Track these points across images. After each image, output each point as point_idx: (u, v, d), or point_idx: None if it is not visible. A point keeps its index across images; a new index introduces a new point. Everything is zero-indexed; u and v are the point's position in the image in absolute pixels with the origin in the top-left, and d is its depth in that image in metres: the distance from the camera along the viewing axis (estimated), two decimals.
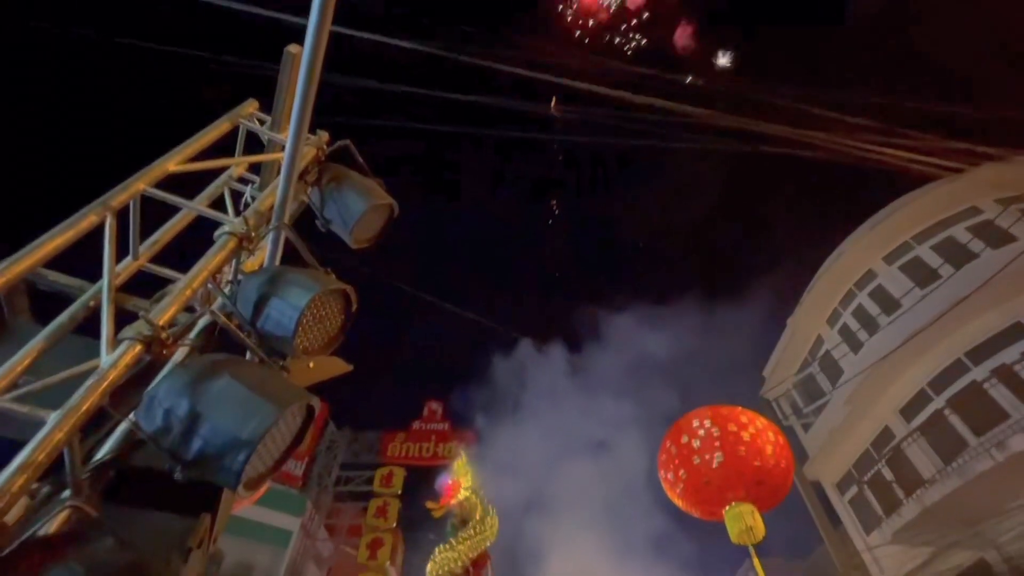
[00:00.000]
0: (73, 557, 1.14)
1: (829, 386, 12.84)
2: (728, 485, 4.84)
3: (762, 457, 4.78)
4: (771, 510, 5.19)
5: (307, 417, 1.63)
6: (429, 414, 21.89)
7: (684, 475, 5.05)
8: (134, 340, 1.30)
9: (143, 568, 1.16)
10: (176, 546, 1.40)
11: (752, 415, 5.19)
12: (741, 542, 4.92)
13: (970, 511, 9.20)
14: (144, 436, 1.43)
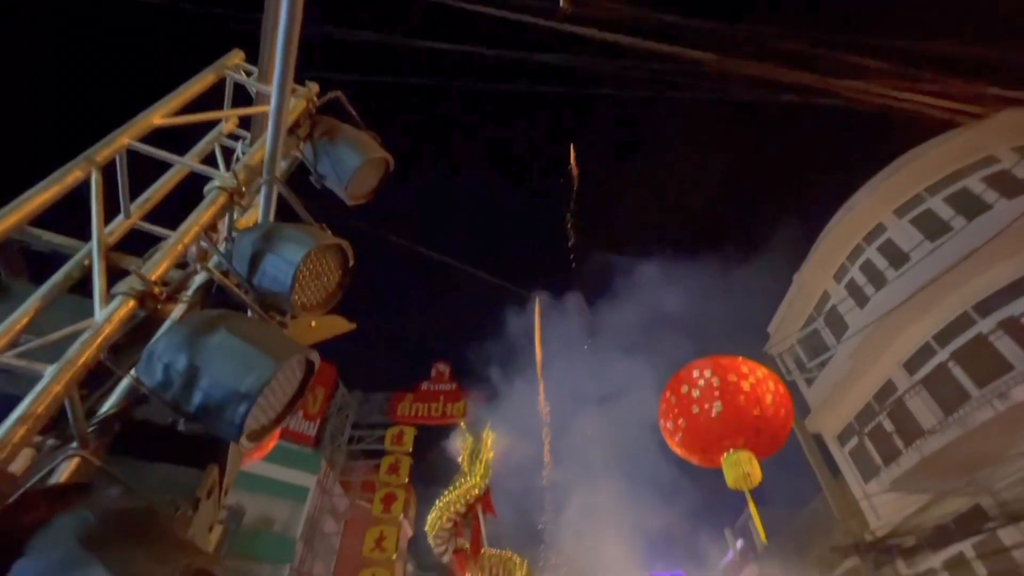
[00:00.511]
0: (81, 504, 1.16)
1: (834, 341, 12.89)
2: (726, 433, 4.90)
3: (761, 406, 4.83)
4: (770, 458, 5.30)
5: (307, 371, 1.64)
6: (437, 375, 22.30)
7: (683, 424, 5.12)
8: (127, 295, 1.29)
9: (152, 514, 1.18)
10: (184, 495, 1.43)
11: (753, 365, 5.20)
12: (738, 487, 5.05)
13: (968, 460, 9.38)
14: (146, 391, 1.44)
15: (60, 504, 1.13)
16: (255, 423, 1.48)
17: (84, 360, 1.15)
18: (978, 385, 9.53)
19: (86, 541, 1.05)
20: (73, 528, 1.08)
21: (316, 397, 21.07)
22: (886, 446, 11.37)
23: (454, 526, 9.14)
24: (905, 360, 11.18)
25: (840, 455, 13.32)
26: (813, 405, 13.63)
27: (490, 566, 8.88)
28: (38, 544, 1.05)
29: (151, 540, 1.10)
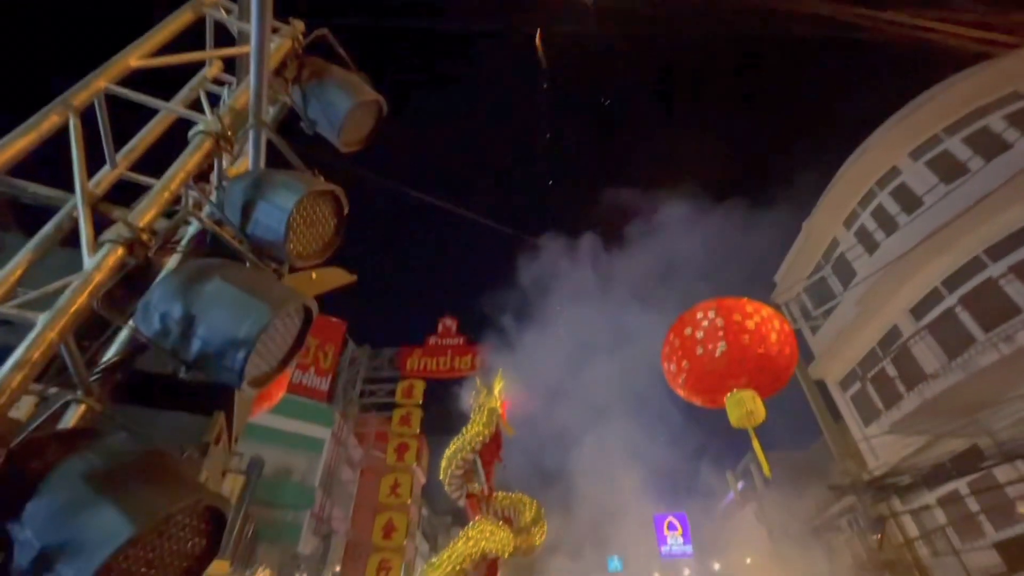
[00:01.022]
0: (88, 448, 1.18)
1: (841, 288, 12.82)
2: (730, 373, 4.91)
3: (766, 344, 4.81)
4: (771, 404, 5.34)
5: (306, 319, 1.62)
6: (444, 330, 22.61)
7: (687, 365, 5.13)
8: (114, 243, 1.26)
9: (159, 457, 1.20)
10: (191, 441, 1.45)
11: (758, 305, 5.15)
12: (741, 426, 5.11)
13: (969, 402, 9.51)
14: (144, 340, 1.43)
15: (68, 448, 1.14)
16: (256, 370, 1.48)
17: (76, 308, 1.13)
18: (984, 329, 9.52)
19: (95, 482, 1.07)
20: (81, 470, 1.10)
21: (327, 353, 21.51)
22: (888, 391, 11.53)
23: (464, 472, 9.48)
24: (912, 306, 11.14)
25: (842, 400, 13.56)
26: (817, 353, 13.74)
27: (502, 508, 9.24)
28: (48, 486, 1.07)
29: (159, 480, 1.12)
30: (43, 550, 0.98)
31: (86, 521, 1.00)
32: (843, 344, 12.76)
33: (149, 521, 1.01)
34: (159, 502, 1.05)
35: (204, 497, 1.13)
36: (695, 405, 5.73)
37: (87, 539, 0.98)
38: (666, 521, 23.02)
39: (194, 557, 1.16)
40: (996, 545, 9.32)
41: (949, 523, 10.58)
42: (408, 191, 23.64)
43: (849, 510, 12.09)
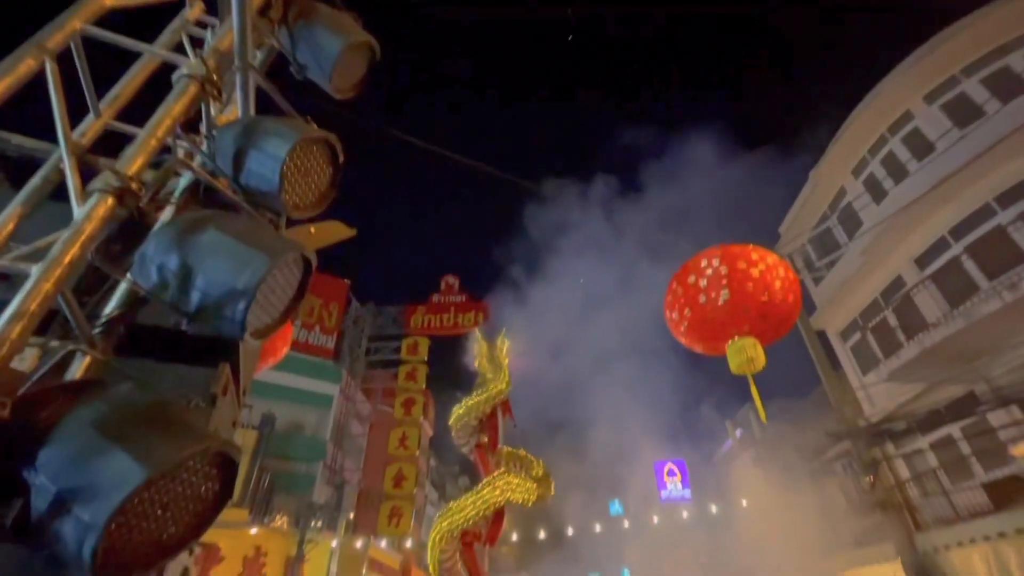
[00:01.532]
0: (96, 398, 1.18)
1: (846, 239, 12.70)
2: (733, 321, 4.88)
3: (770, 292, 4.75)
4: (770, 355, 5.36)
5: (305, 270, 1.60)
6: (446, 288, 22.70)
7: (689, 313, 5.09)
8: (103, 192, 1.22)
9: (167, 407, 1.21)
10: (197, 390, 1.46)
11: (763, 252, 5.07)
12: (741, 372, 5.15)
13: (968, 351, 9.60)
14: (144, 293, 1.42)
15: (75, 398, 1.15)
16: (258, 321, 1.47)
17: (70, 259, 1.11)
18: (988, 277, 9.49)
19: (105, 430, 1.08)
20: (90, 419, 1.11)
21: (331, 312, 21.71)
22: (888, 340, 11.63)
23: (479, 423, 9.72)
24: (917, 255, 11.06)
25: (842, 350, 13.71)
26: (819, 304, 13.78)
27: (507, 461, 9.54)
28: (59, 434, 1.08)
29: (168, 428, 1.13)
30: (59, 494, 1.00)
31: (98, 467, 1.02)
32: (846, 294, 12.77)
33: (160, 466, 1.03)
34: (169, 449, 1.06)
35: (213, 444, 1.14)
36: (696, 356, 5.79)
37: (100, 484, 1.00)
38: (666, 468, 23.88)
39: (208, 501, 1.19)
40: (984, 485, 9.65)
41: (940, 466, 10.93)
42: (406, 138, 23.03)
43: (844, 455, 12.48)
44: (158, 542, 1.11)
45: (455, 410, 9.63)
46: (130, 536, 1.05)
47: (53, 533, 1.01)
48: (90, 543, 0.97)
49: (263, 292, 1.43)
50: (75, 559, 1.00)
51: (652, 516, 21.58)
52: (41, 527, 1.02)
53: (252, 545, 14.94)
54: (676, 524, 20.21)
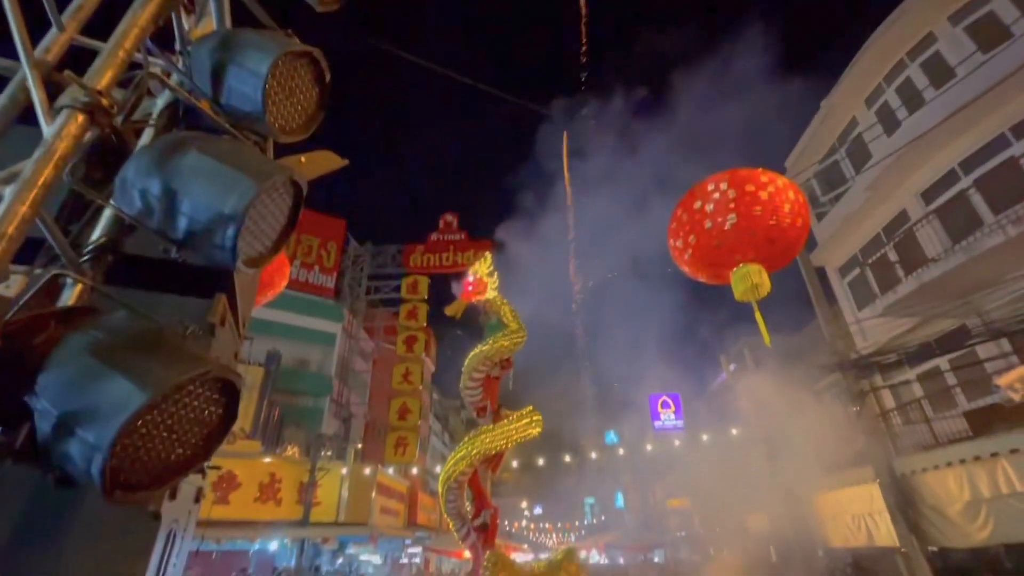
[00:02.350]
0: (90, 325, 1.16)
1: (853, 173, 12.41)
2: (739, 247, 4.77)
3: (778, 215, 4.63)
4: (780, 270, 5.26)
5: (296, 196, 1.54)
6: (445, 226, 22.49)
7: (694, 240, 4.97)
8: (72, 108, 1.14)
9: (162, 333, 1.19)
10: (194, 320, 1.44)
11: (772, 175, 4.89)
12: (745, 299, 5.14)
13: (965, 285, 9.66)
14: (129, 219, 1.37)
15: (69, 325, 1.13)
16: (250, 248, 1.43)
17: (44, 180, 1.05)
18: (994, 212, 9.36)
19: (101, 356, 1.07)
20: (85, 345, 1.09)
21: (329, 252, 21.65)
22: (886, 276, 11.68)
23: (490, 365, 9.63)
24: (924, 189, 10.86)
25: (839, 286, 13.81)
26: (820, 240, 13.71)
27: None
28: (55, 360, 1.08)
29: (166, 353, 1.12)
30: (61, 417, 1.00)
31: (98, 391, 1.02)
32: (848, 230, 12.67)
33: (161, 389, 1.03)
34: (168, 373, 1.06)
35: (213, 369, 1.14)
36: (694, 292, 5.83)
37: (101, 407, 1.00)
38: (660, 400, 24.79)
39: (212, 425, 1.20)
40: (966, 414, 10.06)
41: (925, 396, 11.33)
42: (398, 52, 21.85)
43: (834, 386, 12.89)
44: (167, 462, 1.13)
45: (493, 342, 9.30)
46: (138, 456, 1.07)
47: (61, 454, 1.03)
48: (98, 463, 0.98)
49: (253, 219, 1.38)
50: (85, 478, 1.02)
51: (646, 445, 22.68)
52: (48, 449, 1.03)
53: (267, 472, 15.81)
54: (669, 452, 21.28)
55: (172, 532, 1.32)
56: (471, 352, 9.72)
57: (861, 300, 12.92)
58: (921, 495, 10.12)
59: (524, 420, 8.58)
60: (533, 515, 48.96)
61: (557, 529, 45.53)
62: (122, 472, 1.02)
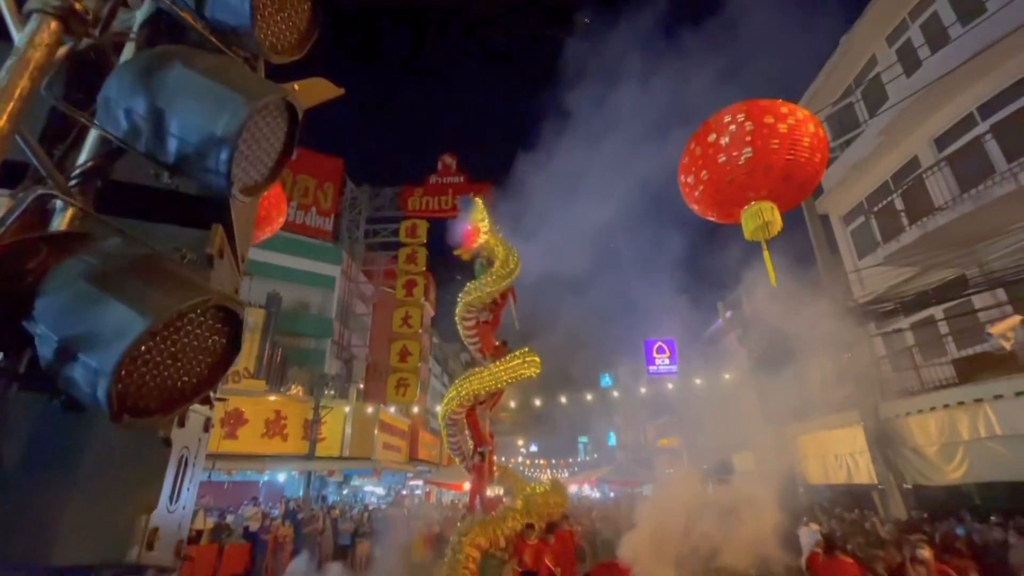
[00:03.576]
0: (83, 251, 1.12)
1: (867, 116, 11.99)
2: (752, 183, 4.63)
3: (796, 150, 4.43)
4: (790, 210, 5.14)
5: (291, 120, 1.45)
6: (444, 168, 21.99)
7: (706, 176, 4.81)
8: (43, 13, 1.04)
9: (160, 260, 1.15)
10: (190, 249, 1.40)
11: (793, 107, 4.65)
12: (755, 238, 5.06)
13: (969, 234, 9.59)
14: (116, 141, 1.29)
15: (61, 250, 1.10)
16: (245, 176, 1.37)
17: (19, 92, 0.98)
18: (1008, 159, 9.13)
19: (97, 282, 1.04)
20: (81, 271, 1.06)
21: (326, 193, 21.27)
22: (890, 224, 11.57)
23: (494, 303, 9.80)
24: (938, 135, 10.54)
25: (842, 234, 13.72)
26: (827, 187, 13.46)
27: None
28: (50, 286, 1.05)
29: (164, 280, 1.09)
30: (61, 342, 0.99)
31: (97, 317, 0.99)
32: (856, 177, 12.42)
33: (162, 317, 1.00)
34: (168, 300, 1.03)
35: (214, 296, 1.11)
36: (696, 239, 5.73)
37: (102, 333, 0.98)
38: (655, 346, 25.30)
39: (216, 354, 1.19)
40: (954, 362, 10.30)
41: (916, 344, 11.55)
42: None
43: (828, 334, 13.09)
44: (173, 389, 1.13)
45: (474, 287, 9.51)
46: (144, 382, 1.06)
47: (65, 379, 1.02)
48: (103, 386, 0.97)
49: (247, 143, 1.30)
50: (92, 402, 1.01)
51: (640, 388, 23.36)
52: (52, 373, 1.02)
53: (272, 410, 16.37)
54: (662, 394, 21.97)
55: (184, 458, 1.34)
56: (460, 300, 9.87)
57: (863, 249, 12.87)
58: (902, 437, 10.55)
59: (516, 361, 8.80)
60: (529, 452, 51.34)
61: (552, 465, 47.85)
62: (129, 397, 1.02)
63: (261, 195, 1.59)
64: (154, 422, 1.11)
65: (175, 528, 1.35)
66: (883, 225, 11.97)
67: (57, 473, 1.18)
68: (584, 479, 29.17)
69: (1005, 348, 8.19)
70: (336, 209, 21.55)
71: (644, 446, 29.92)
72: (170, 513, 1.31)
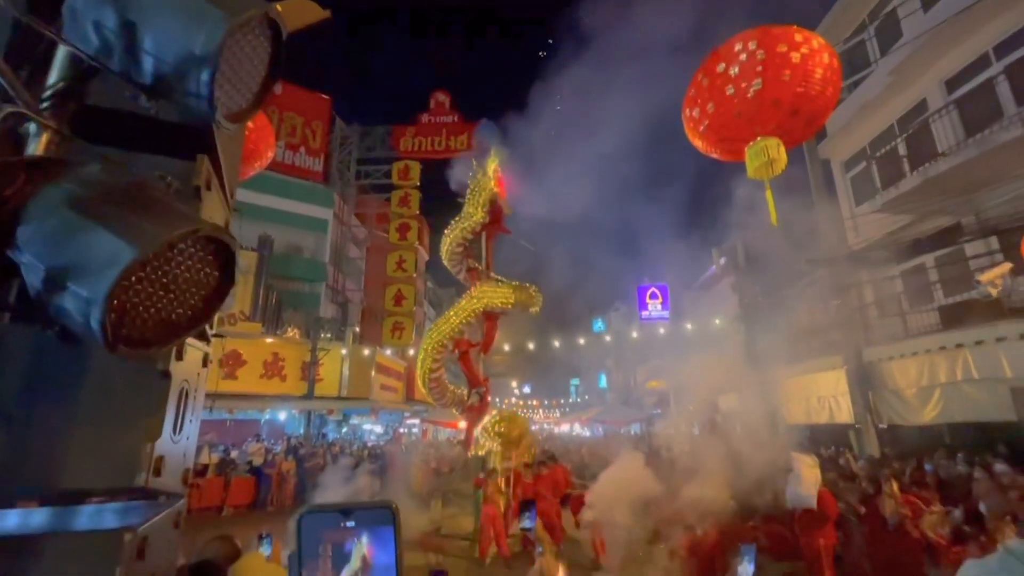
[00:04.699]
0: (64, 178, 1.07)
1: (878, 55, 11.52)
2: (760, 118, 4.46)
3: (808, 82, 4.19)
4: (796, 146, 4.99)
5: (274, 41, 1.36)
6: (436, 106, 21.13)
7: (712, 109, 4.56)
8: None
9: (144, 187, 1.10)
10: (176, 179, 1.35)
11: (808, 34, 4.35)
12: (758, 176, 4.91)
13: (970, 182, 9.50)
14: (88, 60, 1.20)
15: (40, 176, 1.05)
16: (229, 100, 1.29)
17: None
18: (1017, 103, 8.90)
19: (81, 209, 1.00)
20: (63, 198, 1.02)
21: (315, 132, 20.53)
22: (891, 170, 11.42)
23: (464, 250, 10.05)
24: (949, 76, 10.19)
25: (841, 180, 13.56)
26: (830, 131, 13.15)
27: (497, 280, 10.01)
28: (32, 213, 1.01)
29: (150, 209, 1.05)
30: (49, 271, 0.96)
31: (83, 245, 0.96)
32: (861, 120, 12.12)
33: (151, 246, 0.97)
34: (156, 229, 1.00)
35: (203, 227, 1.07)
36: (690, 185, 5.59)
37: (90, 262, 0.95)
38: (648, 291, 25.54)
39: (210, 286, 1.17)
40: (940, 308, 10.50)
41: (904, 291, 11.73)
42: None
43: (818, 281, 13.24)
44: (168, 321, 1.12)
45: (442, 243, 9.92)
46: (137, 313, 1.04)
47: (57, 308, 1.00)
48: (96, 316, 0.96)
49: (228, 63, 1.22)
50: (86, 332, 1.00)
51: (632, 333, 23.82)
52: (43, 303, 1.00)
53: (270, 352, 16.63)
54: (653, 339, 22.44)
55: (184, 391, 1.36)
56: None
57: (861, 196, 12.77)
58: (883, 379, 10.94)
59: (472, 299, 9.10)
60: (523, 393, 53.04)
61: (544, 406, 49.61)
62: (123, 327, 1.01)
63: (247, 122, 1.51)
64: (151, 354, 1.11)
65: (180, 457, 1.39)
66: (883, 171, 11.81)
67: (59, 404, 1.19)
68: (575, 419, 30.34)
69: (992, 295, 8.34)
70: (325, 149, 20.88)
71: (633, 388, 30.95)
72: (175, 443, 1.34)
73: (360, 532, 0.71)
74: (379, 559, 0.71)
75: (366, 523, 0.72)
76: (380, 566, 0.70)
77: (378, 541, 0.72)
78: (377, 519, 0.72)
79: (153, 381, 1.29)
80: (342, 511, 0.73)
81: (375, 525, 0.72)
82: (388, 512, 0.72)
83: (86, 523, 1.07)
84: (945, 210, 10.14)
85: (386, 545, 0.71)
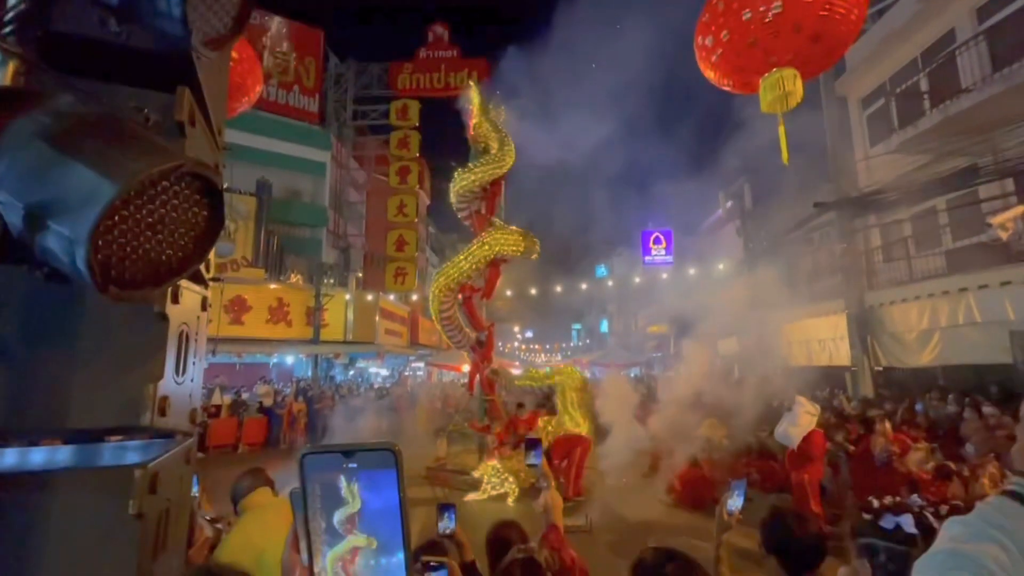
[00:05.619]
0: (35, 110, 1.01)
1: None
2: (776, 46, 4.17)
3: (832, 4, 3.88)
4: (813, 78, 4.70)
5: None
6: (435, 40, 20.04)
7: (726, 36, 4.28)
8: None
9: (121, 121, 1.04)
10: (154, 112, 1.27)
11: None
12: (772, 110, 4.62)
13: (991, 120, 9.11)
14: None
15: (8, 108, 0.98)
16: (205, 23, 1.20)
17: None
18: None
19: (56, 142, 0.94)
20: (35, 131, 0.96)
21: (307, 69, 19.64)
22: (911, 108, 10.95)
23: (483, 192, 9.85)
24: (981, 3, 9.53)
25: (857, 119, 13.04)
26: (850, 65, 12.48)
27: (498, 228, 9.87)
28: (2, 149, 0.95)
29: (129, 143, 0.99)
30: (28, 209, 0.92)
31: (61, 181, 0.91)
32: (884, 53, 11.48)
33: (132, 182, 0.92)
34: (137, 165, 0.94)
35: (188, 163, 1.02)
36: (699, 124, 5.32)
37: (69, 199, 0.91)
38: (652, 236, 25.31)
39: (199, 227, 1.13)
40: (947, 253, 10.39)
41: (912, 235, 11.57)
42: None
43: (826, 225, 13.04)
44: (159, 261, 1.08)
45: (461, 176, 9.52)
46: (125, 253, 1.01)
47: (41, 248, 0.97)
48: (81, 255, 0.92)
49: None
50: (73, 272, 0.97)
51: (634, 278, 23.85)
52: (26, 243, 0.97)
53: (274, 297, 16.79)
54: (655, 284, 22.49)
55: (184, 333, 1.34)
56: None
57: (876, 136, 12.32)
58: (883, 323, 11.02)
59: (483, 245, 9.09)
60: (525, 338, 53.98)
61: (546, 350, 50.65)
62: (112, 268, 0.98)
63: (229, 51, 1.41)
64: (145, 295, 1.08)
65: (186, 398, 1.40)
66: (902, 109, 11.31)
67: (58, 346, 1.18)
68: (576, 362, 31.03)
69: (1002, 238, 8.21)
70: (320, 87, 20.03)
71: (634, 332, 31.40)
72: (178, 384, 1.35)
73: (361, 472, 0.71)
74: (381, 499, 0.71)
75: (368, 464, 0.73)
76: (382, 506, 0.71)
77: (380, 481, 0.72)
78: (379, 460, 0.72)
79: (150, 323, 1.27)
80: (344, 452, 0.74)
81: (377, 466, 0.72)
82: (390, 453, 0.72)
83: (106, 459, 1.09)
84: (962, 151, 9.79)
85: (389, 485, 0.72)
